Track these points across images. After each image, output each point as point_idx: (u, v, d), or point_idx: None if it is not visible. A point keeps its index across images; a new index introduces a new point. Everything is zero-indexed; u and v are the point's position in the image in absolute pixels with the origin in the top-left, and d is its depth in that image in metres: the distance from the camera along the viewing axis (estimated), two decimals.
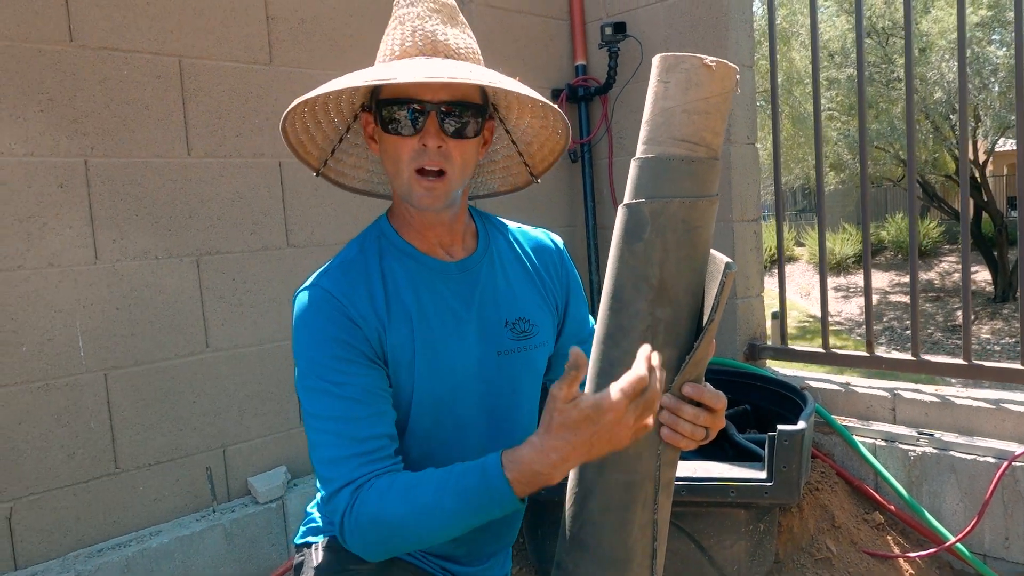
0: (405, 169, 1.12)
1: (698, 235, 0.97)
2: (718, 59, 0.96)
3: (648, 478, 1.00)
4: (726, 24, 2.81)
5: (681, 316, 0.98)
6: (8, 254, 1.94)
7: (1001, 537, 2.24)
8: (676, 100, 0.96)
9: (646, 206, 0.97)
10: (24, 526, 1.97)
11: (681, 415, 0.99)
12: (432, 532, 1.03)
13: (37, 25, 1.97)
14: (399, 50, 1.14)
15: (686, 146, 0.96)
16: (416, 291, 1.18)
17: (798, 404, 2.42)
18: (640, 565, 1.02)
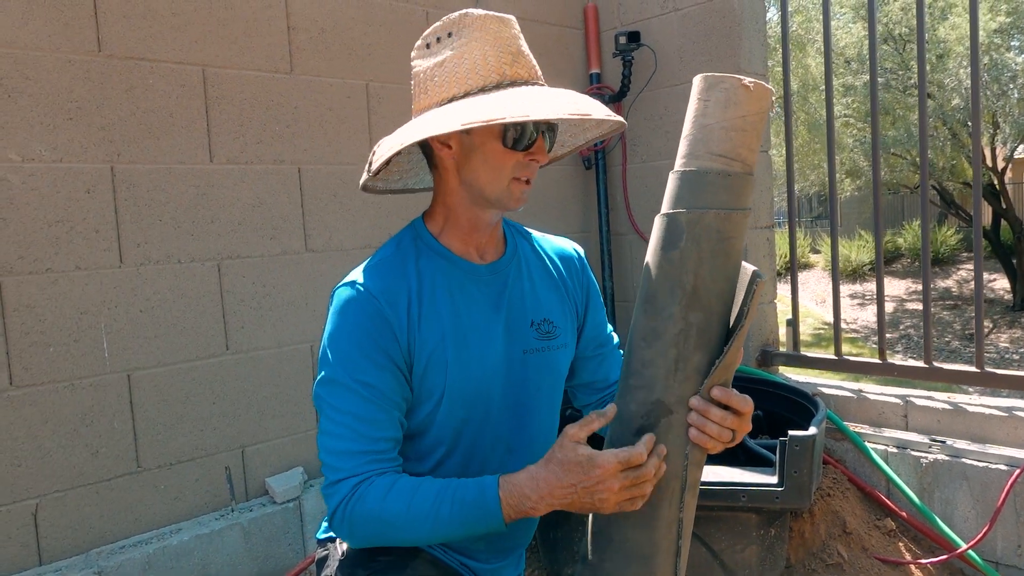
0: (507, 177, 1.21)
1: (731, 245, 1.02)
2: (756, 80, 1.01)
3: (675, 477, 1.04)
4: (739, 33, 2.83)
5: (712, 322, 1.02)
6: (37, 257, 2.00)
7: (1013, 544, 2.24)
8: (715, 117, 1.02)
9: (683, 216, 1.02)
10: (49, 522, 2.03)
11: (709, 417, 1.03)
12: (420, 535, 1.12)
13: (67, 36, 2.03)
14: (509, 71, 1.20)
15: (723, 161, 1.02)
16: (450, 291, 1.24)
17: (810, 410, 2.44)
18: (664, 562, 1.05)
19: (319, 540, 1.37)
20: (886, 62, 10.11)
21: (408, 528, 1.11)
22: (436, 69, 1.21)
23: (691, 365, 1.02)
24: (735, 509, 2.09)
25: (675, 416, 1.03)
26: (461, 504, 1.09)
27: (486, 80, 1.19)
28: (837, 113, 10.48)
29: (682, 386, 1.03)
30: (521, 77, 1.21)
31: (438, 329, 1.21)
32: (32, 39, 1.98)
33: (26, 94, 1.97)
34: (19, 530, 1.98)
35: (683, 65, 3.01)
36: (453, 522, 1.09)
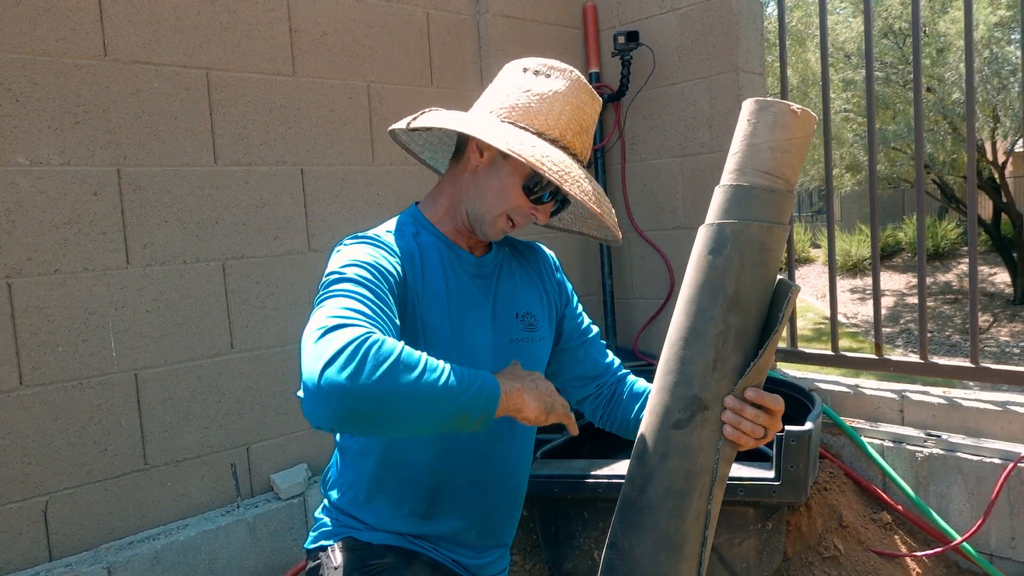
0: (504, 211, 1.29)
1: (771, 255, 1.10)
2: (803, 107, 1.09)
3: (707, 470, 1.10)
4: (737, 33, 2.86)
5: (749, 325, 1.10)
6: (45, 259, 2.03)
7: (1007, 537, 2.28)
8: (763, 138, 1.10)
9: (729, 226, 1.10)
10: (58, 519, 2.07)
11: (744, 415, 1.09)
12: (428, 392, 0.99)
13: (74, 41, 2.06)
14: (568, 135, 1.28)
15: (769, 178, 1.10)
16: (445, 272, 1.31)
17: (807, 406, 2.47)
18: (691, 551, 1.10)
19: (308, 550, 1.38)
20: (886, 56, 10.11)
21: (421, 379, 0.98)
22: (523, 92, 1.28)
23: (728, 365, 1.09)
24: (733, 503, 2.13)
25: (710, 412, 1.09)
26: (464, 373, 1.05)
27: (550, 130, 1.26)
28: (837, 108, 10.49)
29: (719, 384, 1.09)
30: (574, 148, 1.29)
31: (436, 302, 1.27)
32: (39, 44, 2.01)
33: (33, 98, 2.01)
34: (29, 526, 2.02)
35: (681, 64, 3.04)
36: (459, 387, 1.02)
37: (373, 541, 1.32)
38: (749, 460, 2.22)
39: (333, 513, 1.38)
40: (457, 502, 1.34)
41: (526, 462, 1.44)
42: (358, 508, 1.34)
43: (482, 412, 1.05)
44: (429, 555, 1.33)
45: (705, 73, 2.96)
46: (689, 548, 1.10)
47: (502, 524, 1.41)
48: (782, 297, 1.10)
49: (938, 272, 14.04)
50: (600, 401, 1.50)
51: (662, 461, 1.10)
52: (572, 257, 3.35)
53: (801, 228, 17.79)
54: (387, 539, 1.32)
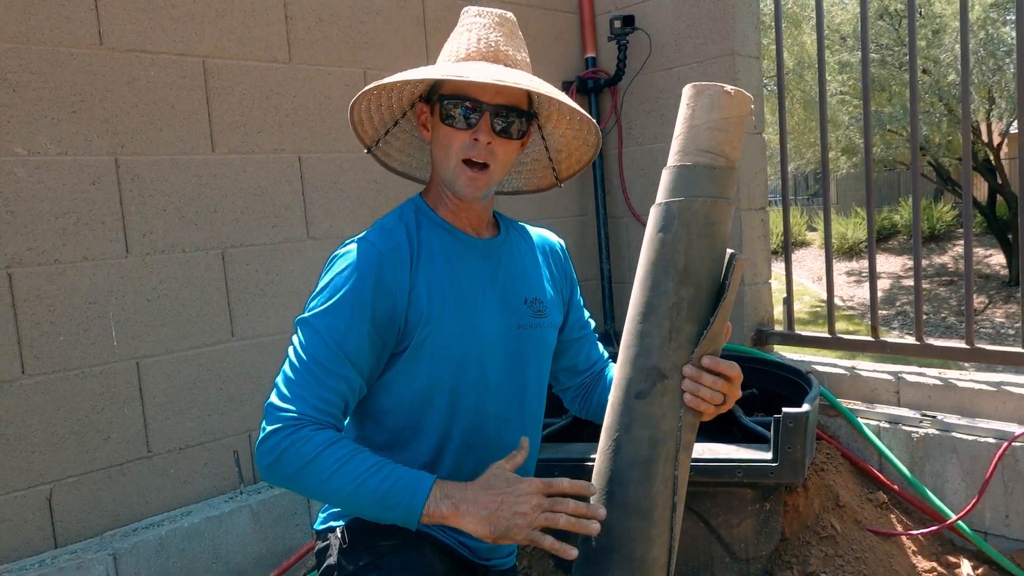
0: (453, 158, 1.26)
1: (717, 229, 1.16)
2: (737, 88, 1.15)
3: (670, 436, 1.14)
4: (733, 17, 2.86)
5: (701, 296, 1.15)
6: (45, 249, 2.04)
7: (1001, 515, 2.31)
8: (701, 119, 1.16)
9: (675, 204, 1.16)
10: (63, 507, 2.08)
11: (701, 382, 1.13)
12: (340, 495, 1.14)
13: (69, 29, 2.05)
14: (464, 54, 1.28)
15: (709, 156, 1.15)
16: (448, 259, 1.30)
17: (804, 388, 2.49)
18: (661, 516, 1.14)
19: (317, 531, 1.40)
20: (882, 38, 10.09)
21: (330, 483, 1.13)
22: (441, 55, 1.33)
23: (683, 335, 1.14)
24: (731, 485, 2.16)
25: (669, 381, 1.14)
26: (392, 482, 1.12)
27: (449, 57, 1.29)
28: (833, 90, 10.47)
29: (676, 354, 1.14)
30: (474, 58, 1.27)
31: (438, 294, 1.27)
32: (35, 34, 2.01)
33: (30, 88, 2.00)
34: (34, 514, 2.04)
35: (677, 48, 3.04)
36: (375, 495, 1.12)
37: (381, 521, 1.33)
38: (747, 442, 2.24)
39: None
40: None
41: (534, 447, 1.43)
42: None
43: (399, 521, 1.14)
44: (437, 536, 1.35)
45: (701, 57, 2.96)
46: (659, 513, 1.14)
47: None
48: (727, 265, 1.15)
49: (934, 254, 14.08)
50: (582, 391, 1.53)
51: (627, 431, 1.15)
52: (570, 242, 3.35)
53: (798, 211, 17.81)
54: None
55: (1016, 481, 2.26)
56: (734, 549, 2.22)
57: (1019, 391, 2.34)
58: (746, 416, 2.47)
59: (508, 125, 1.26)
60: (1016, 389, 2.35)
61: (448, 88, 1.27)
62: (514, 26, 1.34)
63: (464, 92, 1.24)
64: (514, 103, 1.27)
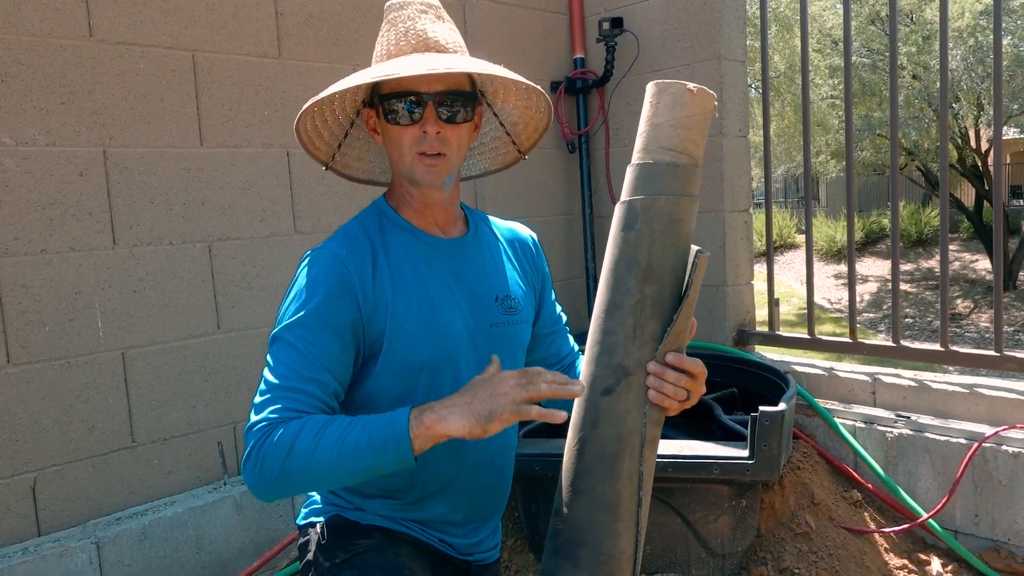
0: (408, 153, 1.25)
1: (680, 227, 1.16)
2: (699, 86, 1.15)
3: (635, 432, 1.16)
4: (720, 20, 2.89)
5: (665, 294, 1.15)
6: (32, 239, 2.05)
7: (971, 514, 2.36)
8: (664, 117, 1.16)
9: (638, 202, 1.16)
10: (47, 495, 2.10)
11: (665, 378, 1.14)
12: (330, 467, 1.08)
13: (59, 21, 2.07)
14: (394, 49, 1.28)
15: (672, 154, 1.16)
16: (413, 262, 1.29)
17: (782, 387, 2.53)
18: (627, 510, 1.16)
19: (299, 526, 1.41)
20: (873, 43, 10.17)
21: (314, 460, 1.08)
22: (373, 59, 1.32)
23: (647, 332, 1.15)
24: (708, 481, 2.19)
25: (634, 378, 1.15)
26: (370, 429, 1.09)
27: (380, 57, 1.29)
28: (824, 94, 10.54)
29: (640, 351, 1.15)
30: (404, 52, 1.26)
31: (403, 298, 1.26)
32: (24, 24, 2.02)
33: (19, 79, 2.02)
34: (18, 502, 2.05)
35: (665, 51, 3.07)
36: (360, 446, 1.08)
37: (361, 521, 1.34)
38: (726, 440, 2.28)
39: (323, 491, 1.39)
40: (442, 490, 1.34)
41: (511, 444, 1.44)
42: (346, 489, 1.36)
43: (396, 462, 1.08)
44: (416, 536, 1.35)
45: (688, 60, 2.99)
46: (624, 508, 1.16)
47: (489, 506, 1.42)
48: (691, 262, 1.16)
49: (921, 259, 14.20)
50: None
51: (593, 427, 1.16)
52: (555, 240, 3.39)
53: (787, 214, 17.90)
54: (374, 519, 1.34)
55: (986, 481, 2.31)
56: (710, 545, 2.26)
57: (991, 393, 2.39)
58: (725, 415, 2.51)
59: (455, 112, 1.25)
60: (988, 391, 2.40)
61: (387, 87, 1.25)
62: (439, 9, 1.32)
63: (402, 87, 1.23)
64: (455, 87, 1.25)
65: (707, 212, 2.99)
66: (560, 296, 3.32)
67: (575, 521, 1.16)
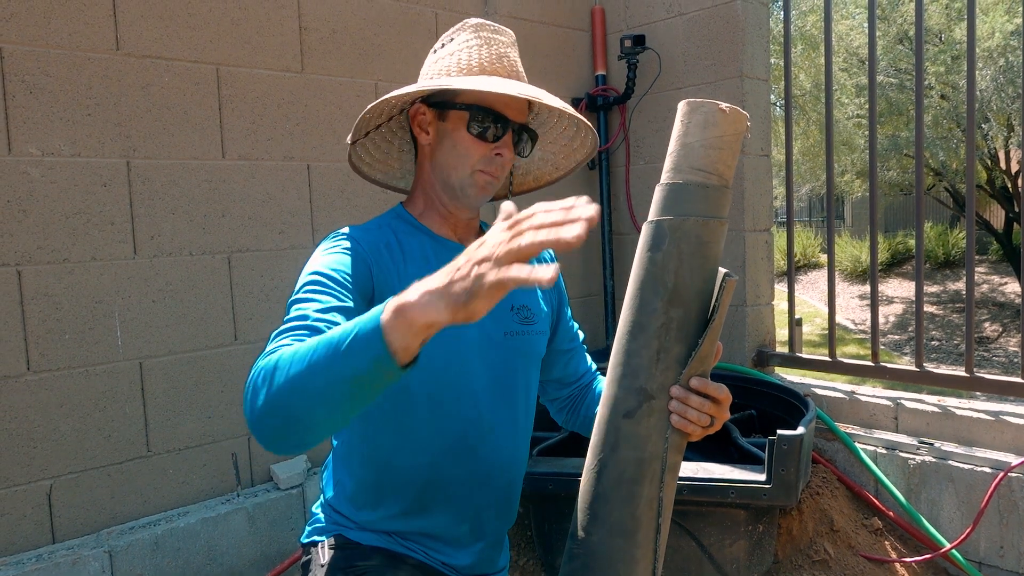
0: (470, 167, 1.28)
1: (708, 249, 1.14)
2: (732, 106, 1.14)
3: (656, 457, 1.13)
4: (742, 39, 2.88)
5: (691, 317, 1.13)
6: (55, 247, 2.08)
7: (996, 545, 2.29)
8: (695, 137, 1.15)
9: (666, 222, 1.14)
10: (62, 502, 2.11)
11: (688, 403, 1.11)
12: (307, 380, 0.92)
13: (87, 35, 2.11)
14: (488, 67, 1.29)
15: (702, 175, 1.14)
16: (429, 263, 1.29)
17: (801, 410, 2.49)
18: (645, 537, 1.13)
19: (303, 544, 1.40)
20: (900, 62, 10.07)
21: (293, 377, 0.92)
22: (432, 64, 1.32)
23: (672, 356, 1.12)
24: (725, 505, 2.16)
25: (656, 402, 1.13)
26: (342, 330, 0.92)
27: (462, 70, 1.28)
28: (850, 113, 10.45)
29: (664, 375, 1.12)
30: (499, 73, 1.28)
31: None
32: (53, 37, 2.06)
33: (46, 90, 2.05)
34: (34, 509, 2.07)
35: (687, 69, 3.06)
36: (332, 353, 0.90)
37: (362, 541, 1.32)
38: (744, 463, 2.24)
39: (327, 509, 1.39)
40: (447, 499, 1.32)
41: (521, 457, 1.41)
42: (348, 507, 1.35)
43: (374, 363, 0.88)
44: (418, 558, 1.33)
45: (710, 78, 2.98)
46: (643, 534, 1.13)
47: (495, 521, 1.39)
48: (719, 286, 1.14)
49: (948, 280, 13.97)
50: (569, 403, 1.53)
51: (613, 451, 1.14)
52: (574, 258, 3.38)
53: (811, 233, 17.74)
54: (376, 540, 1.32)
55: (1011, 512, 2.25)
56: (726, 570, 2.22)
57: (1017, 421, 2.33)
58: (743, 437, 2.47)
59: (524, 145, 1.32)
60: (1014, 419, 2.34)
61: (472, 98, 1.27)
62: (516, 44, 1.36)
63: (494, 106, 1.26)
64: (527, 122, 1.31)
65: (728, 231, 2.96)
66: (578, 313, 3.30)
67: (591, 545, 1.14)
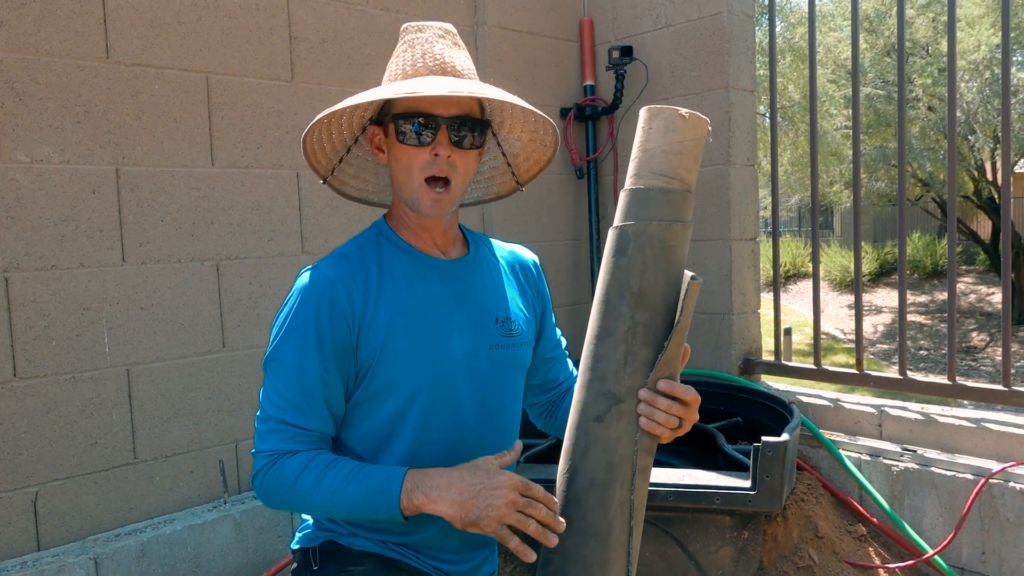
0: (416, 178, 1.25)
1: (672, 253, 1.15)
2: (692, 111, 1.15)
3: (626, 460, 1.14)
4: (728, 50, 2.91)
5: (657, 320, 1.14)
6: (43, 254, 2.08)
7: (978, 551, 2.32)
8: (656, 143, 1.16)
9: (630, 227, 1.15)
10: (48, 509, 2.11)
11: (656, 406, 1.12)
12: (324, 508, 1.20)
13: (77, 43, 2.12)
14: (411, 70, 1.27)
15: (664, 180, 1.15)
16: (410, 282, 1.29)
17: (786, 417, 2.51)
18: (618, 540, 1.15)
19: (293, 550, 1.41)
20: (888, 74, 10.17)
21: (313, 501, 1.19)
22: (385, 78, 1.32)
23: (639, 359, 1.14)
24: (710, 511, 2.17)
25: (625, 405, 1.14)
26: (367, 488, 1.17)
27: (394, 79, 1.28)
28: (838, 124, 10.54)
29: (632, 378, 1.14)
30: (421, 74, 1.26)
31: (399, 319, 1.26)
32: (43, 45, 2.07)
33: (36, 97, 2.06)
34: (19, 516, 2.06)
35: (674, 80, 3.09)
36: (355, 502, 1.18)
37: (354, 547, 1.32)
38: (729, 470, 2.26)
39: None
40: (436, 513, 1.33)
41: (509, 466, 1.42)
42: None
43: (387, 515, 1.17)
44: (410, 563, 1.33)
45: (697, 89, 3.01)
46: (615, 537, 1.14)
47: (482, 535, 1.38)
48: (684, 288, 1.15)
49: (936, 290, 14.07)
50: (548, 408, 1.54)
51: (584, 455, 1.15)
52: (562, 265, 3.40)
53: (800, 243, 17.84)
54: (367, 545, 1.32)
55: (992, 518, 2.28)
56: None
57: (999, 428, 2.36)
58: (729, 444, 2.49)
59: (466, 137, 1.25)
60: (996, 426, 2.37)
61: (400, 106, 1.24)
62: (456, 36, 1.33)
63: (417, 108, 1.23)
64: (468, 113, 1.26)
65: (714, 240, 2.99)
66: (565, 321, 3.32)
67: (565, 550, 1.15)
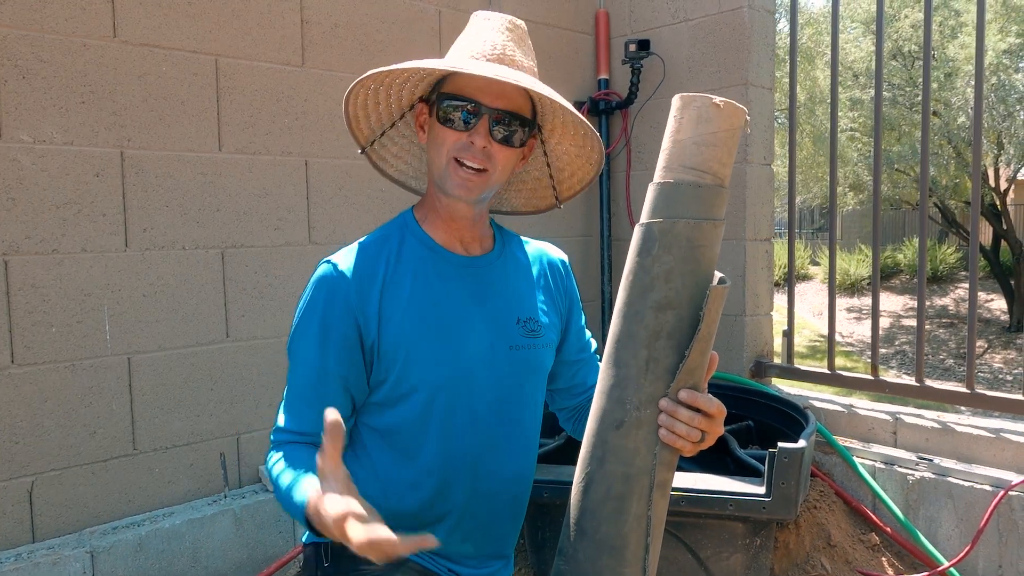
0: (445, 155, 1.21)
1: (702, 253, 1.06)
2: (727, 100, 1.06)
3: (644, 473, 1.07)
4: (748, 47, 2.86)
5: (683, 325, 1.05)
6: (44, 238, 2.02)
7: (994, 565, 2.27)
8: (687, 133, 1.07)
9: (656, 225, 1.06)
10: (44, 500, 2.05)
11: (677, 417, 1.04)
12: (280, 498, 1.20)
13: (83, 20, 2.05)
14: (470, 53, 1.24)
15: (695, 173, 1.06)
16: (427, 279, 1.26)
17: (800, 423, 2.46)
18: (634, 555, 1.08)
19: (304, 543, 1.38)
20: (894, 78, 10.13)
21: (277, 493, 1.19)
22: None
23: (662, 366, 1.05)
24: (722, 517, 2.12)
25: (645, 414, 1.06)
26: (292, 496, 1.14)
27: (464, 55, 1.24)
28: (843, 127, 10.50)
29: (653, 386, 1.06)
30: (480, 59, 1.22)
31: (415, 316, 1.23)
32: (49, 22, 2.00)
33: (40, 76, 1.99)
34: (14, 507, 2.00)
35: (691, 75, 3.03)
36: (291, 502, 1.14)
37: None
38: (741, 475, 2.21)
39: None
40: (451, 516, 1.30)
41: (527, 472, 1.37)
42: None
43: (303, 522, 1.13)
44: (424, 564, 1.30)
45: (715, 85, 2.95)
46: (631, 553, 1.07)
47: (501, 538, 1.36)
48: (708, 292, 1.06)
49: (935, 296, 14.07)
50: (577, 413, 1.49)
51: (600, 465, 1.08)
52: (573, 261, 3.32)
53: (801, 245, 17.83)
54: None
55: (1011, 531, 2.23)
56: None
57: (1018, 439, 2.31)
58: (741, 448, 2.44)
59: (509, 133, 1.22)
60: (1015, 437, 2.32)
61: (449, 88, 1.22)
62: (524, 33, 1.29)
63: (464, 93, 1.20)
64: (515, 109, 1.22)
65: (728, 240, 2.94)
66: None
67: (578, 563, 1.09)
